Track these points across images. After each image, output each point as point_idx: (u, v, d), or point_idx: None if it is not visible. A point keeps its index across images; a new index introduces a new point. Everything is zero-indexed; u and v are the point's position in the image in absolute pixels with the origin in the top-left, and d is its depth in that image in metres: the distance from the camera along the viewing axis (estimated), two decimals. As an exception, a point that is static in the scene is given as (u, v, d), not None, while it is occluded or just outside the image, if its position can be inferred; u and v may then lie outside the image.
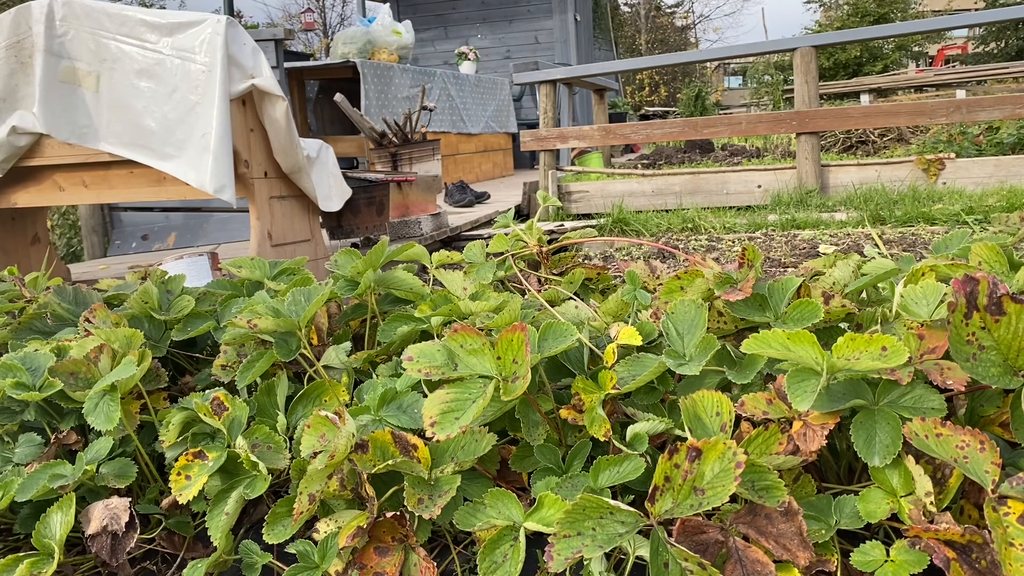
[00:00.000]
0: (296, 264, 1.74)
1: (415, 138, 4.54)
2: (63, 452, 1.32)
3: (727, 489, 0.83)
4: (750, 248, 1.25)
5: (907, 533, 0.87)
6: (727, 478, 0.84)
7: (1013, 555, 0.79)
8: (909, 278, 1.15)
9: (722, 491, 0.84)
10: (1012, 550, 0.79)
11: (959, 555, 0.84)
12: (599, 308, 1.30)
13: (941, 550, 0.84)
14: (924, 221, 3.86)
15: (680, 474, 0.86)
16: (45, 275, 1.97)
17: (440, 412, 1.01)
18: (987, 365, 0.91)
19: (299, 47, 16.35)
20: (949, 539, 0.84)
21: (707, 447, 0.86)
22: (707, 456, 0.86)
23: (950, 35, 23.66)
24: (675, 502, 0.86)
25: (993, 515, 0.82)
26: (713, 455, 0.86)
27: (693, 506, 0.85)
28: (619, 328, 1.18)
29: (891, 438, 0.93)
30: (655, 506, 0.86)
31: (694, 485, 0.85)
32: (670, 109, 16.04)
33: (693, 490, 0.85)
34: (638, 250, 3.68)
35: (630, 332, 1.16)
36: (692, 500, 0.85)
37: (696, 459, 0.86)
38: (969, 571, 0.82)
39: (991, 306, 0.90)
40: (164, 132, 2.62)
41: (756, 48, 6.71)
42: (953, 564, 0.83)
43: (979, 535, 0.82)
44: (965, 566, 0.83)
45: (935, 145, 6.29)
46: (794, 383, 0.96)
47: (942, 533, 0.84)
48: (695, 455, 0.86)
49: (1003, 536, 0.80)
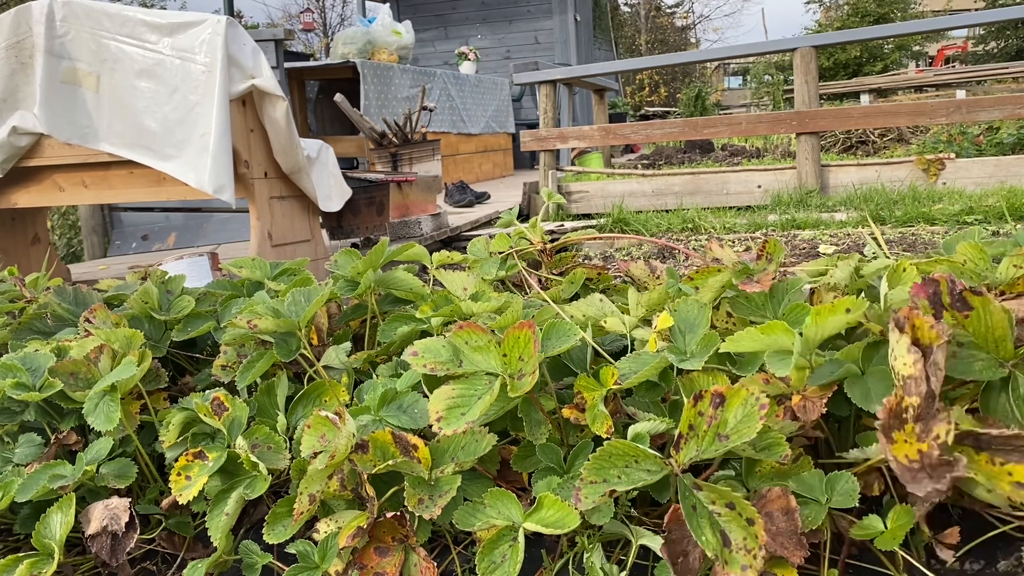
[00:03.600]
0: (297, 265, 1.74)
1: (415, 138, 4.54)
2: (63, 452, 1.32)
3: (752, 429, 0.86)
4: (772, 241, 1.25)
5: None
6: (752, 420, 0.87)
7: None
8: (890, 274, 1.16)
9: (747, 431, 0.87)
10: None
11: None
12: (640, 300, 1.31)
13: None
14: (924, 221, 3.86)
15: (704, 421, 0.89)
16: (45, 275, 1.97)
17: (446, 407, 1.02)
18: (969, 361, 0.93)
19: (299, 47, 16.34)
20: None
21: (731, 392, 0.89)
22: (731, 402, 0.89)
23: (950, 35, 23.68)
24: (699, 449, 0.88)
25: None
26: (737, 400, 0.89)
27: (718, 450, 0.88)
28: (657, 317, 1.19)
29: (885, 387, 0.96)
30: (680, 454, 0.89)
31: (718, 432, 0.88)
32: (670, 109, 16.02)
33: (717, 436, 0.88)
34: (638, 249, 3.68)
35: (667, 317, 1.18)
36: (716, 445, 0.88)
37: (720, 406, 0.89)
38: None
39: (956, 303, 0.93)
40: (164, 132, 2.61)
41: (756, 48, 6.70)
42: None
43: None
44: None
45: (935, 145, 6.29)
46: (773, 360, 1.01)
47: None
48: (719, 401, 0.89)
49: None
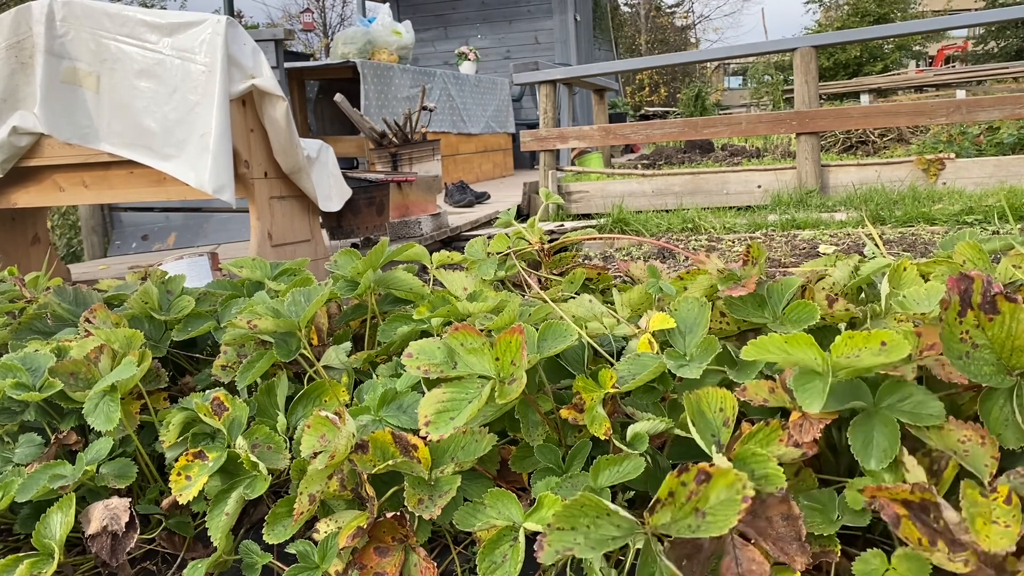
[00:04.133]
0: (297, 265, 1.74)
1: (415, 138, 4.54)
2: (63, 452, 1.32)
3: (729, 521, 0.81)
4: (755, 246, 1.25)
5: (863, 493, 0.88)
6: (731, 508, 0.82)
7: (994, 530, 0.80)
8: (891, 274, 1.16)
9: (723, 521, 0.82)
10: (994, 526, 0.81)
11: (912, 513, 0.84)
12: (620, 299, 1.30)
13: (891, 507, 0.84)
14: (924, 221, 3.86)
15: (685, 492, 0.84)
16: (45, 275, 1.97)
17: (435, 412, 1.01)
18: (980, 364, 0.91)
19: (299, 47, 16.34)
20: (900, 497, 0.85)
21: (717, 473, 0.84)
22: (716, 482, 0.84)
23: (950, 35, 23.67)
24: (673, 518, 0.84)
25: (977, 496, 0.83)
26: (722, 482, 0.84)
27: (691, 527, 0.83)
28: (649, 316, 1.18)
29: (888, 441, 0.92)
30: (653, 517, 0.85)
31: (696, 506, 0.84)
32: (670, 109, 16.03)
33: (695, 511, 0.84)
34: (638, 249, 3.68)
35: (662, 317, 1.15)
36: (691, 520, 0.84)
37: (704, 482, 0.84)
38: (922, 528, 0.83)
39: (985, 304, 0.90)
40: (164, 132, 2.62)
41: (756, 48, 6.70)
42: (904, 520, 0.84)
43: (930, 492, 0.83)
44: (917, 522, 0.83)
45: (935, 145, 6.29)
46: (800, 384, 0.95)
47: (892, 491, 0.85)
48: (704, 478, 0.84)
49: (987, 514, 0.82)
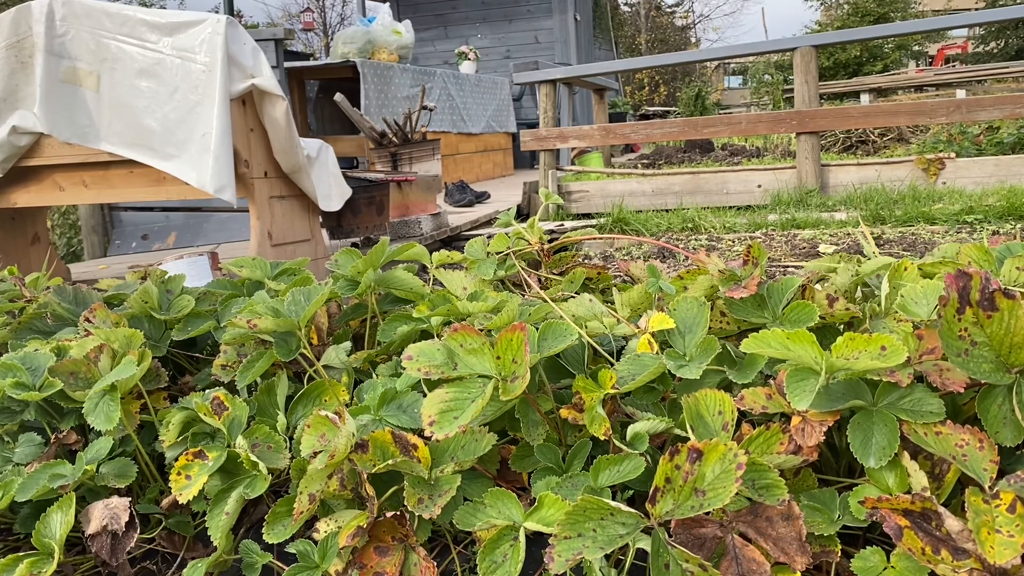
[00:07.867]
0: (297, 264, 1.74)
1: (415, 138, 4.54)
2: (63, 452, 1.32)
3: (728, 491, 0.83)
4: (755, 246, 1.25)
5: (864, 504, 0.88)
6: (728, 479, 0.83)
7: (998, 540, 0.80)
8: (892, 273, 1.16)
9: (723, 492, 0.83)
10: (998, 536, 0.80)
11: (913, 522, 0.84)
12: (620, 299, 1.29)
13: (893, 518, 0.84)
14: (924, 221, 3.86)
15: (681, 475, 0.85)
16: (45, 275, 1.97)
17: (439, 411, 1.01)
18: (979, 361, 0.91)
19: (299, 47, 16.34)
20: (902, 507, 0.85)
21: (708, 448, 0.85)
22: (708, 457, 0.85)
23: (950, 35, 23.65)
24: (676, 503, 0.85)
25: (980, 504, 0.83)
26: (714, 456, 0.85)
27: (694, 507, 0.84)
28: (648, 316, 1.18)
29: (887, 440, 0.92)
30: (656, 507, 0.85)
31: (695, 486, 0.85)
32: (670, 109, 16.03)
33: (694, 491, 0.85)
34: (638, 249, 3.68)
35: (662, 317, 1.15)
36: (693, 501, 0.84)
37: (697, 460, 0.85)
38: (925, 537, 0.83)
39: (983, 301, 0.90)
40: (165, 132, 2.62)
41: (756, 48, 6.70)
42: (906, 531, 0.84)
43: (930, 501, 0.83)
44: (919, 532, 0.83)
45: (935, 145, 6.29)
46: (793, 382, 0.96)
47: (893, 502, 0.85)
48: (696, 456, 0.85)
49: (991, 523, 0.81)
